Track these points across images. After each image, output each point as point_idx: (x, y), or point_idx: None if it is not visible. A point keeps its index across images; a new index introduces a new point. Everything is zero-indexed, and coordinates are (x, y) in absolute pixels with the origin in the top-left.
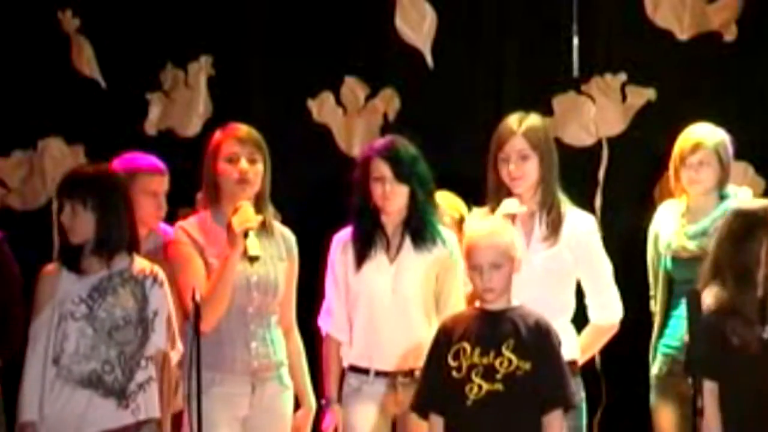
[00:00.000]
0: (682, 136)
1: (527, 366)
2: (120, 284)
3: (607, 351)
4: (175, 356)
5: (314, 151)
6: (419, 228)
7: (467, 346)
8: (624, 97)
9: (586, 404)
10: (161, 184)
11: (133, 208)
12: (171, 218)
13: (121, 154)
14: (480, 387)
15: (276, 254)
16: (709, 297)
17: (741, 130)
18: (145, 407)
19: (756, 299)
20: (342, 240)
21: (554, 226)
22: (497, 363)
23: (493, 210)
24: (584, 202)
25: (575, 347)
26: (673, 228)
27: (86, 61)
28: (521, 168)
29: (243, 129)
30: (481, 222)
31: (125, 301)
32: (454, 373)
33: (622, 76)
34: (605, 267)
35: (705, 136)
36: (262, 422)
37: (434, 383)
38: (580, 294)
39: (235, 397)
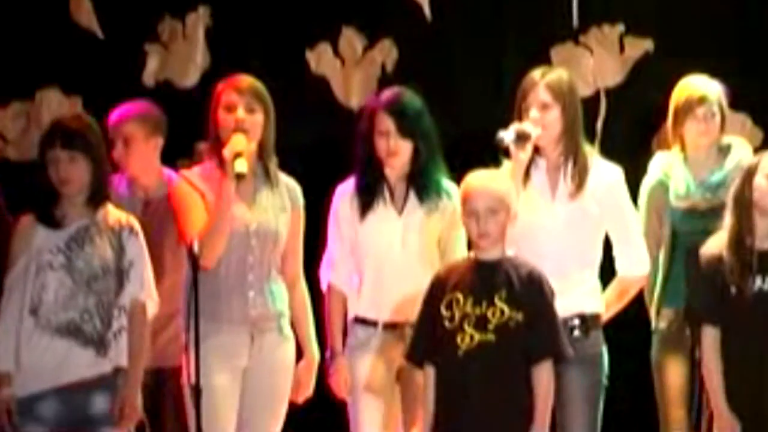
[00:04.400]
0: (683, 88)
1: (519, 317)
2: (97, 234)
3: None
4: (151, 307)
5: (312, 102)
6: (423, 184)
7: (460, 296)
8: (622, 48)
9: None
10: None
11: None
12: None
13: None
14: (472, 337)
15: (279, 204)
16: (714, 242)
17: (740, 81)
18: (117, 356)
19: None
20: (347, 192)
21: (580, 178)
22: (489, 313)
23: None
24: None
25: (599, 301)
26: (684, 179)
27: (84, 13)
28: (543, 118)
29: (244, 80)
30: (478, 172)
31: (103, 250)
32: (447, 323)
33: (620, 27)
34: (633, 218)
35: (709, 89)
36: (262, 373)
37: (427, 333)
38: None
39: (234, 347)
